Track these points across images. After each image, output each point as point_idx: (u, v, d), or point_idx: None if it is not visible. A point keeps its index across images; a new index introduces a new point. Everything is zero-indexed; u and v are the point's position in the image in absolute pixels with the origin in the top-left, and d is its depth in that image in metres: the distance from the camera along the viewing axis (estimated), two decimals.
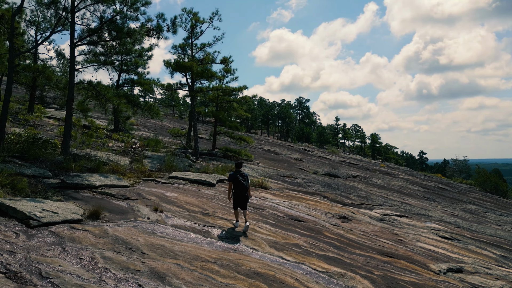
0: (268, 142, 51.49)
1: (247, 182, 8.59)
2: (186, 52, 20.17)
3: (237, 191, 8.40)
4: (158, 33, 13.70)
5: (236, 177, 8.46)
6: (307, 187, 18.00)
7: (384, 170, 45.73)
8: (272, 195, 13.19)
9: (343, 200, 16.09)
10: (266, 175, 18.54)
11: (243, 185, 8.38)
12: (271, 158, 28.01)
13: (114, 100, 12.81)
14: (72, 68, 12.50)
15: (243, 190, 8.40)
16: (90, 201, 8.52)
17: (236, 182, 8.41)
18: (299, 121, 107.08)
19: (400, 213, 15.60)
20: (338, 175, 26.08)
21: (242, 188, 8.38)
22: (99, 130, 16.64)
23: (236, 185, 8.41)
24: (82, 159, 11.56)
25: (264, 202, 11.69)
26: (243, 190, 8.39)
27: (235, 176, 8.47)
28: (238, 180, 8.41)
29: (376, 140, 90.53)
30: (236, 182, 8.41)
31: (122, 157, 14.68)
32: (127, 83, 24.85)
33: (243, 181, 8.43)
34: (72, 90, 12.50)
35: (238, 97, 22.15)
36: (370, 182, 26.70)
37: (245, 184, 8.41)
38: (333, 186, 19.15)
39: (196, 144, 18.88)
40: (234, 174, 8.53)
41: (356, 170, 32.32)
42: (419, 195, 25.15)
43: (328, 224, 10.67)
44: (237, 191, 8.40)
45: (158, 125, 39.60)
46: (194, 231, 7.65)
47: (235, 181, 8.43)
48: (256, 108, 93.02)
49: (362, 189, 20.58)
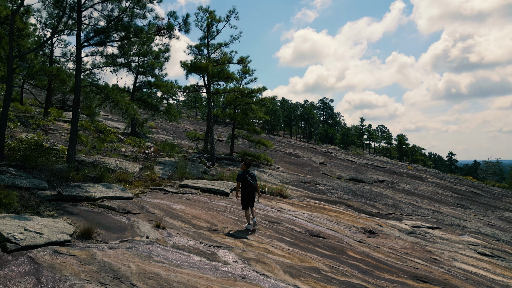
0: (290, 144, 50.32)
1: (255, 182, 8.62)
2: (202, 53, 19.35)
3: (246, 191, 8.40)
4: (170, 32, 12.90)
5: (245, 177, 8.42)
6: (330, 194, 16.86)
7: (412, 173, 43.83)
8: (290, 205, 12.15)
9: (368, 209, 14.89)
10: (285, 182, 17.51)
11: (252, 185, 8.40)
12: (292, 162, 26.93)
13: (123, 103, 12.08)
14: (79, 69, 11.84)
15: (252, 190, 8.43)
16: (86, 216, 7.72)
17: (245, 182, 8.40)
18: (322, 122, 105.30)
19: (432, 224, 14.27)
20: (363, 180, 24.75)
21: (251, 188, 8.40)
22: (111, 134, 16.04)
23: (246, 185, 8.40)
24: (86, 168, 10.85)
25: (281, 214, 10.67)
26: (252, 190, 8.43)
27: (244, 176, 8.43)
28: (247, 181, 8.40)
29: (403, 141, 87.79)
30: (245, 182, 8.40)
31: (133, 163, 13.96)
32: (144, 86, 24.30)
33: (252, 181, 8.44)
34: (78, 93, 11.84)
35: (257, 99, 21.20)
36: (397, 187, 25.24)
37: (253, 184, 8.44)
38: (358, 193, 17.92)
39: (212, 148, 18.04)
40: (242, 174, 8.48)
41: (383, 174, 30.83)
42: (451, 202, 23.53)
43: (353, 240, 9.56)
44: (246, 191, 8.40)
45: (178, 127, 39.13)
46: (197, 253, 6.72)
47: (244, 181, 8.41)
48: (279, 109, 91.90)
49: (389, 196, 19.24)
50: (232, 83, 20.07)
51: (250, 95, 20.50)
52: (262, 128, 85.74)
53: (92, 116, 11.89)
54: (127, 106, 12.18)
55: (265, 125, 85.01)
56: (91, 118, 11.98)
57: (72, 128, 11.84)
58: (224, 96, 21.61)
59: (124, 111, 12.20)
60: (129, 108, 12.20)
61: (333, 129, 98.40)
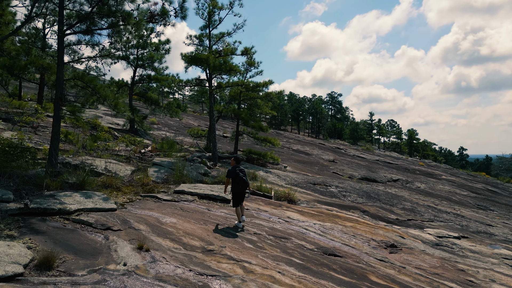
0: (298, 140, 48.85)
1: (247, 177, 8.43)
2: (203, 43, 17.91)
3: (238, 187, 8.20)
4: (164, 18, 11.50)
5: (237, 173, 8.23)
6: (342, 197, 15.44)
7: (424, 169, 42.21)
8: (300, 214, 10.75)
9: (386, 215, 13.46)
10: (294, 183, 16.11)
11: (244, 181, 8.21)
12: (300, 160, 25.49)
13: (111, 98, 10.74)
14: (61, 61, 10.51)
15: (244, 186, 8.24)
16: (55, 235, 6.41)
17: (238, 178, 8.20)
18: (331, 116, 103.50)
19: (458, 232, 12.82)
20: (376, 180, 23.27)
21: (243, 185, 8.21)
22: (101, 132, 14.75)
23: (238, 181, 8.20)
24: (66, 172, 9.54)
25: (289, 226, 9.28)
26: (244, 187, 8.24)
27: (235, 172, 8.24)
28: (239, 177, 8.20)
29: (413, 136, 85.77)
30: (238, 178, 8.20)
31: (125, 165, 12.66)
32: (144, 80, 22.97)
33: (244, 177, 8.25)
34: (60, 87, 10.52)
35: (263, 93, 19.73)
36: (413, 187, 23.71)
37: (245, 180, 8.25)
38: (372, 195, 16.46)
39: (214, 147, 16.67)
40: (233, 170, 8.30)
41: (396, 173, 29.28)
42: (471, 203, 21.97)
43: (373, 259, 8.15)
44: (238, 187, 8.20)
45: (181, 123, 37.84)
46: (185, 285, 5.38)
47: (236, 178, 8.21)
48: (286, 103, 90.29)
49: (406, 199, 17.76)
50: (236, 76, 18.67)
51: (256, 89, 19.06)
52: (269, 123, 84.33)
53: (77, 113, 10.55)
54: (116, 102, 10.84)
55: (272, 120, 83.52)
56: (76, 116, 10.64)
57: (54, 127, 10.55)
58: (228, 91, 20.20)
59: (113, 107, 10.87)
60: (119, 103, 10.86)
61: (341, 124, 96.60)
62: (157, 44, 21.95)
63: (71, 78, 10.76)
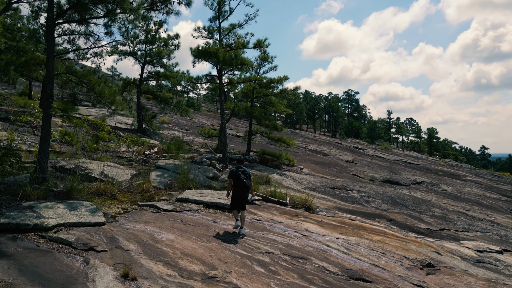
0: (314, 139, 47.33)
1: (249, 180, 7.78)
2: (213, 36, 16.65)
3: (238, 191, 7.61)
4: (166, 5, 10.31)
5: (238, 174, 7.64)
6: (365, 203, 14.05)
7: (447, 170, 40.30)
8: (319, 225, 9.44)
9: (415, 224, 12.04)
10: (311, 187, 14.78)
11: (245, 184, 7.62)
12: (317, 161, 24.09)
13: (107, 94, 9.61)
14: (51, 53, 9.44)
15: (244, 189, 7.63)
16: (22, 260, 5.26)
17: (238, 180, 7.60)
18: (347, 115, 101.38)
19: (498, 245, 11.32)
20: (399, 182, 21.74)
21: (243, 188, 7.61)
22: (102, 133, 13.69)
23: (238, 184, 7.61)
24: (51, 179, 8.43)
25: (308, 242, 7.98)
26: (244, 190, 7.63)
27: (237, 174, 7.65)
28: (240, 179, 7.60)
29: (433, 135, 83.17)
30: (238, 181, 7.60)
31: (126, 168, 11.54)
32: (152, 76, 21.90)
33: (245, 180, 7.64)
34: (51, 83, 9.45)
35: (277, 90, 18.40)
36: (439, 190, 22.10)
37: (246, 183, 7.64)
38: (398, 201, 15.01)
39: (224, 148, 15.45)
40: (235, 171, 7.70)
41: (419, 174, 27.61)
42: (504, 208, 20.26)
43: (409, 284, 6.79)
44: (237, 191, 7.62)
45: (194, 122, 36.78)
46: None
47: (237, 180, 7.62)
48: (302, 102, 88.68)
49: (434, 204, 16.23)
50: (249, 72, 17.40)
51: (269, 86, 17.78)
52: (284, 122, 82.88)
53: (69, 111, 9.45)
54: (113, 99, 9.71)
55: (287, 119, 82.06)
56: (67, 115, 9.54)
57: (43, 128, 9.47)
58: (241, 88, 18.98)
59: (109, 104, 9.75)
60: (116, 100, 9.72)
61: (358, 122, 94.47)
62: (166, 39, 20.86)
63: (62, 72, 9.66)
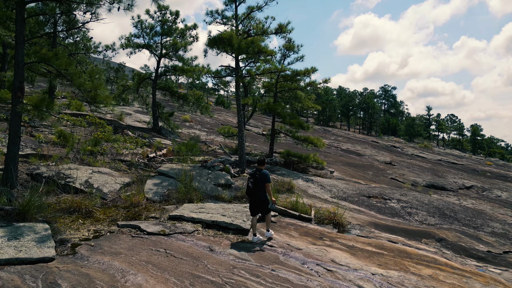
0: (348, 137, 44.57)
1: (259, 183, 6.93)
2: (228, 22, 14.62)
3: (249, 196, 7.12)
4: None
5: (248, 178, 7.09)
6: (408, 216, 11.71)
7: (495, 170, 36.59)
8: (350, 253, 7.26)
9: (472, 245, 9.63)
10: (342, 196, 12.58)
11: (249, 188, 6.99)
12: (351, 163, 21.69)
13: (87, 87, 7.88)
14: (20, 38, 7.80)
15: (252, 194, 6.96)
16: None
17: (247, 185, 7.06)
18: (384, 111, 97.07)
19: None
20: (445, 187, 19.04)
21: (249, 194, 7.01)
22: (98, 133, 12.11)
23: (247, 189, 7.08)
24: (5, 194, 6.75)
25: (333, 282, 5.84)
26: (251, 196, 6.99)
27: (248, 178, 7.09)
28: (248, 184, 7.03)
29: (477, 132, 77.82)
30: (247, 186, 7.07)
31: (120, 175, 9.81)
32: (169, 71, 20.26)
33: (250, 184, 6.99)
34: (20, 73, 7.81)
35: (304, 84, 16.24)
36: (492, 196, 19.21)
37: (251, 188, 6.98)
38: (447, 213, 12.54)
39: (241, 149, 13.47)
40: (252, 173, 7.11)
41: (466, 176, 24.59)
42: None
43: None
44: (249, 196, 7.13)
45: (219, 120, 35.04)
46: None
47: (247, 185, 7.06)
48: (335, 98, 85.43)
49: (490, 215, 13.60)
50: (271, 63, 15.33)
51: (295, 79, 15.65)
52: (316, 119, 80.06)
53: (42, 108, 7.78)
54: (95, 93, 7.97)
55: (320, 116, 79.25)
56: (39, 111, 7.86)
57: (11, 128, 7.86)
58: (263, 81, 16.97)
59: (90, 99, 8.02)
60: (98, 95, 7.98)
61: (396, 119, 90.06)
62: (183, 30, 19.16)
63: (34, 61, 8.01)
